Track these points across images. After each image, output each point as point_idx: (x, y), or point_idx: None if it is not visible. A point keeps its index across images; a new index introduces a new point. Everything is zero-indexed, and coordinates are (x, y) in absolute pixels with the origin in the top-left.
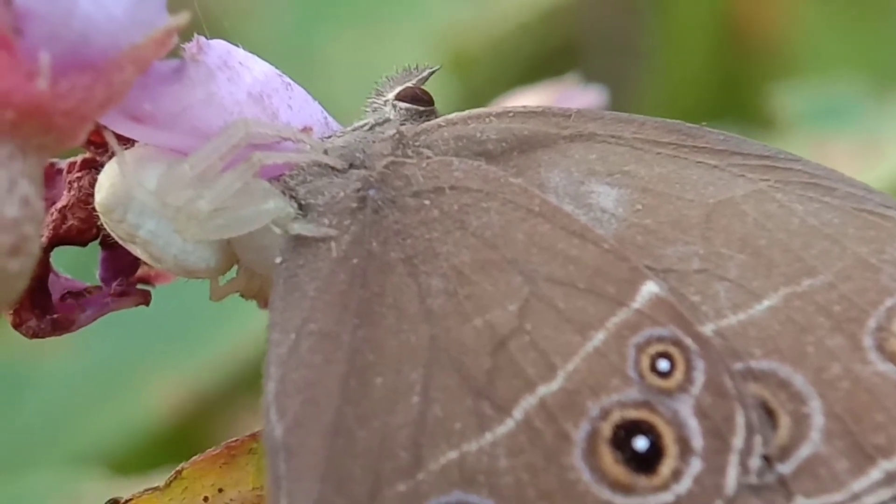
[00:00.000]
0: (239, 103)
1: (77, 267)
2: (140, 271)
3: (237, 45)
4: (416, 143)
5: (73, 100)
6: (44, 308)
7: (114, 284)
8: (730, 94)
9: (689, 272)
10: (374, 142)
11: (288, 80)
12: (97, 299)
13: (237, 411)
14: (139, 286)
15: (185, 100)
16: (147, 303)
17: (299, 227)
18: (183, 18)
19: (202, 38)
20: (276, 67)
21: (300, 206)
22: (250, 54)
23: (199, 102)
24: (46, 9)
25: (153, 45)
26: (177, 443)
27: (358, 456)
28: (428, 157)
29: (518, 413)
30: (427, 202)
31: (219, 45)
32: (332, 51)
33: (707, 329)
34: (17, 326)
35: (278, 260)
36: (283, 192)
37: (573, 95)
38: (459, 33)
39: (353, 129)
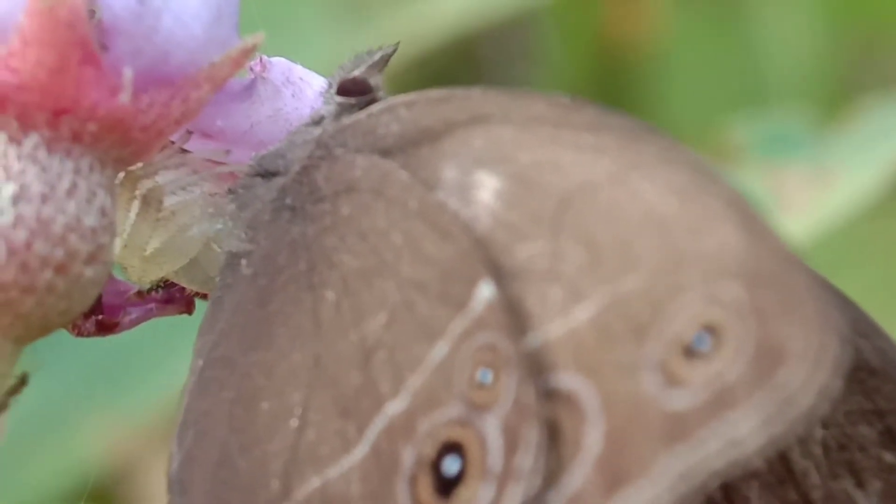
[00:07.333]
0: (303, 118)
1: None
2: None
3: None
4: (333, 143)
5: (151, 115)
6: (91, 308)
7: (161, 290)
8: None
9: (534, 272)
10: (297, 145)
11: None
12: (142, 304)
13: None
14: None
15: (254, 116)
16: (190, 312)
17: (227, 243)
18: (259, 38)
19: (264, 56)
20: None
21: (234, 221)
22: (307, 70)
23: (266, 118)
24: (131, 25)
25: (230, 63)
26: (122, 485)
27: (237, 488)
28: (336, 158)
29: (371, 433)
30: (328, 207)
31: (280, 62)
32: None
33: (532, 338)
34: None
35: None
36: (220, 210)
37: None
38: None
39: (294, 132)
